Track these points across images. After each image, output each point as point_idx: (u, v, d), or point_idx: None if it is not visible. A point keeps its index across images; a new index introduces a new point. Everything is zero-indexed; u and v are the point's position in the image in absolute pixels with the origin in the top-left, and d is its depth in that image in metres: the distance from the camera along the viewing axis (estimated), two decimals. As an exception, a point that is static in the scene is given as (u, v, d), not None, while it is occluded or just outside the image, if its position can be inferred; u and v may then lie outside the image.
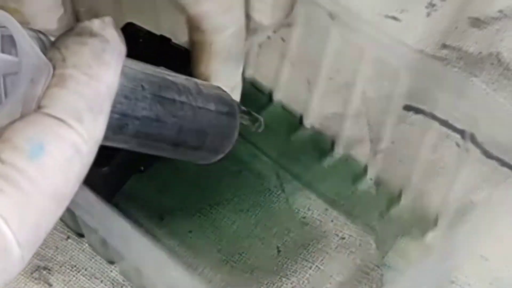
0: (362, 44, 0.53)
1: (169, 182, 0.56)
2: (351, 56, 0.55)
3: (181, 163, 0.57)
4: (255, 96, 0.61)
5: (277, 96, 0.60)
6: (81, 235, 0.53)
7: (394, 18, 0.64)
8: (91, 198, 0.46)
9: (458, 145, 0.54)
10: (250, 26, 0.49)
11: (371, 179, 0.57)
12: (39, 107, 0.33)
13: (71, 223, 0.53)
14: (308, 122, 0.59)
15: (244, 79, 0.60)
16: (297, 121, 0.60)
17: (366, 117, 0.56)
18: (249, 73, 0.61)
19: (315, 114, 0.59)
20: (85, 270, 0.52)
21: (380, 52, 0.53)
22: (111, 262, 0.52)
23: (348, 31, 0.53)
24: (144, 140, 0.41)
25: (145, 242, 0.45)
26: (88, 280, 0.52)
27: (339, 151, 0.58)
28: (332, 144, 0.58)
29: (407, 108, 0.55)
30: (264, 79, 0.61)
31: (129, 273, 0.51)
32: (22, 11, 0.46)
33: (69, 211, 0.50)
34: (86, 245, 0.53)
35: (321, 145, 0.58)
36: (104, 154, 0.38)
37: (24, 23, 0.46)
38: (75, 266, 0.52)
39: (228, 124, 0.47)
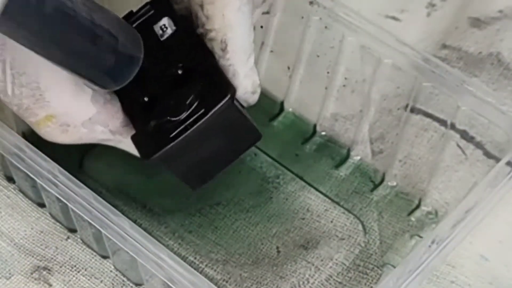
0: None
1: (169, 182, 0.56)
2: (332, 43, 0.55)
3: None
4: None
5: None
6: (73, 230, 0.53)
7: (394, 18, 0.64)
8: (87, 193, 0.47)
9: (458, 145, 0.54)
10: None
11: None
12: None
13: (63, 219, 0.53)
14: (289, 107, 0.59)
15: None
16: (278, 107, 0.60)
17: (367, 117, 0.56)
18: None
19: (296, 100, 0.59)
20: (85, 270, 0.52)
21: (382, 53, 0.53)
22: (104, 257, 0.52)
23: (330, 20, 0.54)
24: (63, 26, 0.41)
25: (142, 233, 0.45)
26: (88, 280, 0.52)
27: (320, 134, 0.59)
28: (314, 129, 0.59)
29: (408, 108, 0.55)
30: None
31: (124, 267, 0.51)
32: (54, 113, 0.46)
33: (62, 206, 0.51)
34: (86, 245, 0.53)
35: (303, 129, 0.59)
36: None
37: (64, 125, 0.47)
38: (75, 266, 0.52)
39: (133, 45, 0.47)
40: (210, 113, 0.45)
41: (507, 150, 0.49)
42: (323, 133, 0.58)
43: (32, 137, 0.55)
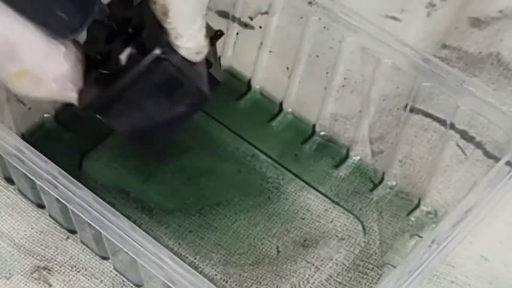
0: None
1: (169, 182, 0.56)
2: (331, 43, 0.55)
3: (181, 163, 0.57)
4: (234, 84, 0.61)
5: (256, 84, 0.61)
6: (73, 232, 0.53)
7: (394, 18, 0.64)
8: (86, 194, 0.47)
9: (458, 145, 0.54)
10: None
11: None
12: None
13: (63, 220, 0.53)
14: (288, 108, 0.60)
15: (221, 67, 0.60)
16: (277, 108, 0.60)
17: (367, 117, 0.56)
18: (227, 62, 0.61)
19: (295, 100, 0.59)
20: (85, 270, 0.52)
21: (381, 53, 0.53)
22: (104, 258, 0.52)
23: (330, 20, 0.54)
24: None
25: (142, 234, 0.45)
26: (88, 280, 0.52)
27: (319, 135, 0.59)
28: (314, 129, 0.59)
29: (407, 108, 0.55)
30: (242, 67, 0.61)
31: (124, 267, 0.51)
32: (27, 67, 0.46)
33: (61, 208, 0.51)
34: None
35: (302, 129, 0.59)
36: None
37: (36, 79, 0.46)
38: (75, 266, 0.52)
39: None
40: (137, 65, 0.45)
41: (507, 150, 0.49)
42: (323, 133, 0.58)
43: (31, 138, 0.55)
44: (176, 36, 0.46)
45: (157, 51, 0.45)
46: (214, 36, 0.52)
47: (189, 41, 0.46)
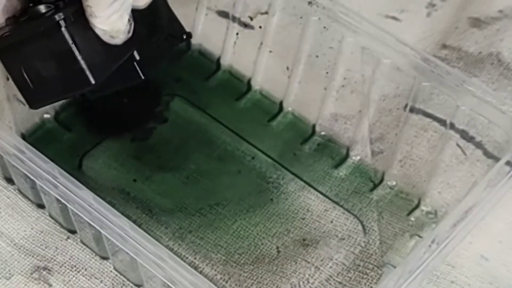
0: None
1: (169, 182, 0.56)
2: (331, 43, 0.55)
3: (181, 163, 0.57)
4: (234, 84, 0.61)
5: (256, 84, 0.61)
6: (73, 232, 0.53)
7: (394, 18, 0.64)
8: (86, 194, 0.47)
9: (458, 145, 0.54)
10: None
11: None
12: None
13: (63, 220, 0.53)
14: (288, 108, 0.60)
15: (221, 67, 0.60)
16: (277, 107, 0.60)
17: (367, 117, 0.56)
18: (227, 62, 0.61)
19: (295, 100, 0.59)
20: (85, 270, 0.52)
21: (381, 53, 0.53)
22: (104, 258, 0.52)
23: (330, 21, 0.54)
24: None
25: (142, 234, 0.45)
26: (88, 280, 0.52)
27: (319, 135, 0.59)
28: (314, 129, 0.59)
29: (407, 108, 0.55)
30: (242, 67, 0.61)
31: (124, 267, 0.51)
32: None
33: (61, 208, 0.51)
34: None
35: (302, 129, 0.59)
36: None
37: None
38: (75, 266, 0.52)
39: None
40: (37, 24, 0.46)
41: (507, 150, 0.49)
42: (323, 133, 0.58)
43: (31, 138, 0.55)
44: (90, 14, 0.46)
45: (57, 17, 0.46)
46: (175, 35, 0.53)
47: (102, 23, 0.47)
